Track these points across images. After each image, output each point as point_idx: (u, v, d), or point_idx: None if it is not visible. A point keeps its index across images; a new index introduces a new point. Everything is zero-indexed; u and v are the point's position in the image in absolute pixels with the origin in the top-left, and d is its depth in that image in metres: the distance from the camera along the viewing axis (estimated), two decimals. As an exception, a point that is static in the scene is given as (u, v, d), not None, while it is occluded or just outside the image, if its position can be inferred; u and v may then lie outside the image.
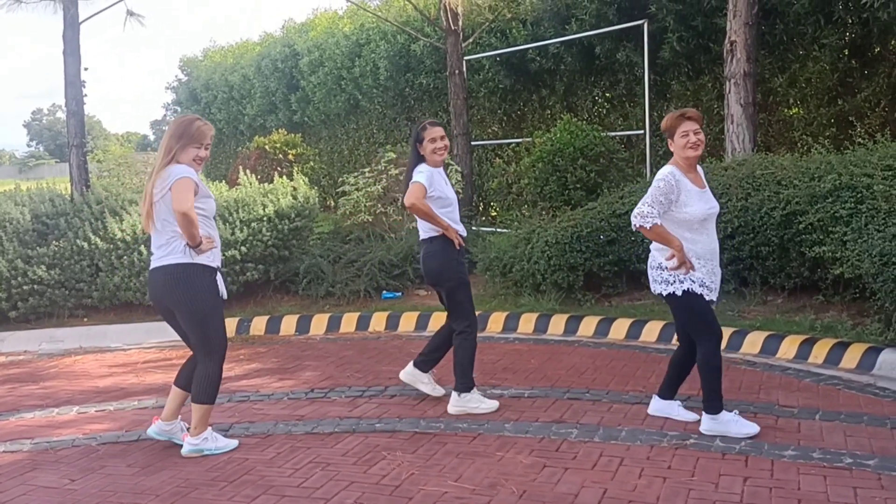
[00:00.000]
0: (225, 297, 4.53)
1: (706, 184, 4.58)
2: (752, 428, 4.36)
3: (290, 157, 14.11)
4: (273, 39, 19.09)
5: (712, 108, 9.64)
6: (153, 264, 4.43)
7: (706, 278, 4.42)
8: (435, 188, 4.97)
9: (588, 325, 7.07)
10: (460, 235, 5.03)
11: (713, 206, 4.50)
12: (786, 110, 9.30)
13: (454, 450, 4.37)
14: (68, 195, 9.33)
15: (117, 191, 9.45)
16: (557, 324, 7.20)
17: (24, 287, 8.08)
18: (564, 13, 10.59)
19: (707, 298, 4.43)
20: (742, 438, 4.29)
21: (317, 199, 9.55)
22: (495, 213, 12.46)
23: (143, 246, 8.10)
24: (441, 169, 5.11)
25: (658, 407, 4.75)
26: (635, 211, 4.35)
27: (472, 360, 5.06)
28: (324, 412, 5.17)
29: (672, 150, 4.54)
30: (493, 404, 5.01)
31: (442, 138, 5.01)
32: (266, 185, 9.27)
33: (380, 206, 9.77)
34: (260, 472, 4.19)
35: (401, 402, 5.26)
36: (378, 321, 7.75)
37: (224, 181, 12.04)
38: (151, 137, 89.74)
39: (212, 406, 4.51)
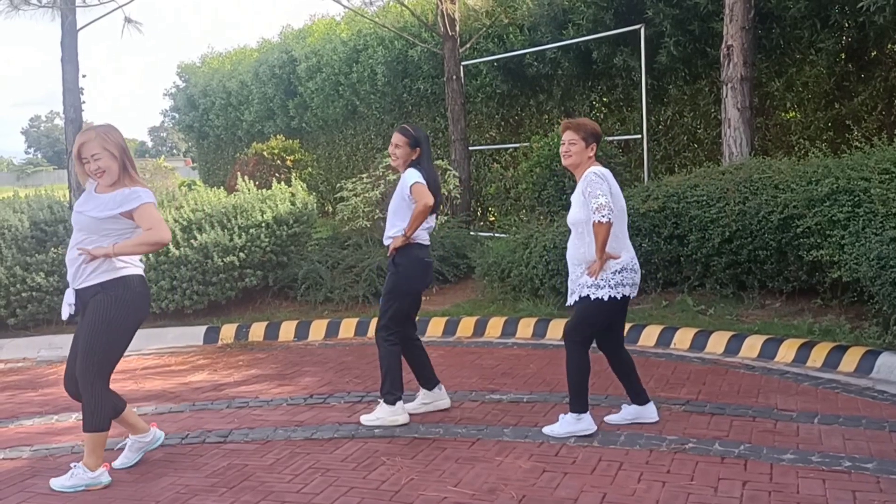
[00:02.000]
0: (63, 317, 4.34)
1: (575, 192, 4.60)
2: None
3: (289, 162, 14.12)
4: (271, 46, 19.11)
5: (709, 113, 9.67)
6: None
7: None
8: None
9: (587, 330, 7.06)
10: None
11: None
12: (783, 114, 9.32)
13: (453, 455, 4.37)
14: (66, 202, 9.34)
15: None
16: (556, 328, 7.20)
17: (23, 294, 8.08)
18: (561, 18, 10.62)
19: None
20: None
21: (315, 204, 9.56)
22: (493, 218, 12.48)
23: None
24: (402, 175, 5.03)
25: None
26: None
27: None
28: (323, 418, 5.17)
29: None
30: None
31: (395, 145, 4.99)
32: (264, 191, 9.27)
33: (378, 211, 9.78)
34: (259, 477, 4.19)
35: (400, 408, 5.25)
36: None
37: (222, 187, 12.05)
38: (149, 144, 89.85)
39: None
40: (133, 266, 4.25)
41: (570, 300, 4.61)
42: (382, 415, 4.94)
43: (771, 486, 3.76)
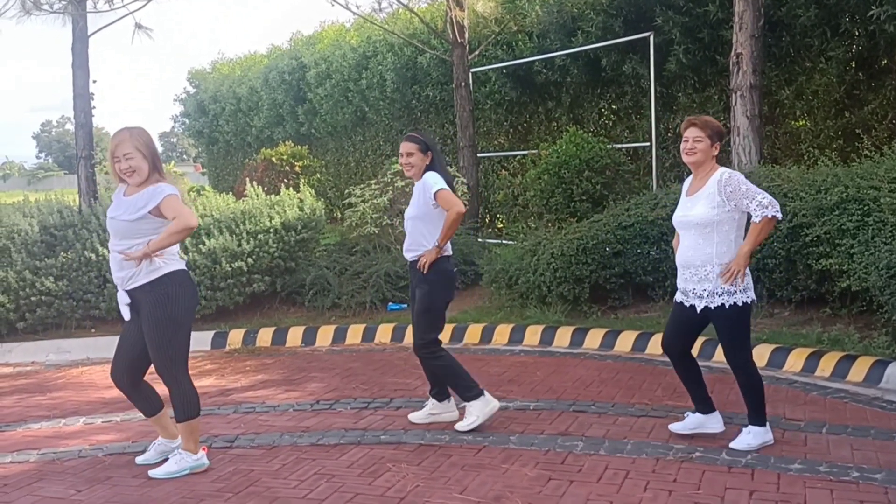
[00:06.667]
0: (125, 318, 4.45)
1: (701, 191, 4.37)
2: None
3: (297, 168, 14.16)
4: (280, 52, 19.18)
5: (718, 120, 9.62)
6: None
7: (680, 283, 4.50)
8: None
9: (594, 338, 7.06)
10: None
11: (679, 216, 4.49)
12: (792, 122, 9.30)
13: (459, 462, 4.36)
14: (76, 207, 9.38)
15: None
16: (563, 336, 7.19)
17: (32, 298, 8.11)
18: (570, 25, 10.62)
19: (678, 300, 4.54)
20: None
21: (323, 210, 9.58)
22: (501, 225, 12.47)
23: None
24: (417, 184, 4.89)
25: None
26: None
27: None
28: (329, 424, 5.17)
29: None
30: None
31: (407, 154, 4.85)
32: (273, 196, 9.30)
33: (386, 217, 9.79)
34: (265, 483, 4.19)
35: (406, 414, 5.24)
36: (384, 333, 7.75)
37: (231, 193, 12.09)
38: (160, 149, 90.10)
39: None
40: (175, 262, 4.35)
41: (701, 305, 4.37)
42: (476, 412, 4.85)
43: (778, 496, 3.74)
